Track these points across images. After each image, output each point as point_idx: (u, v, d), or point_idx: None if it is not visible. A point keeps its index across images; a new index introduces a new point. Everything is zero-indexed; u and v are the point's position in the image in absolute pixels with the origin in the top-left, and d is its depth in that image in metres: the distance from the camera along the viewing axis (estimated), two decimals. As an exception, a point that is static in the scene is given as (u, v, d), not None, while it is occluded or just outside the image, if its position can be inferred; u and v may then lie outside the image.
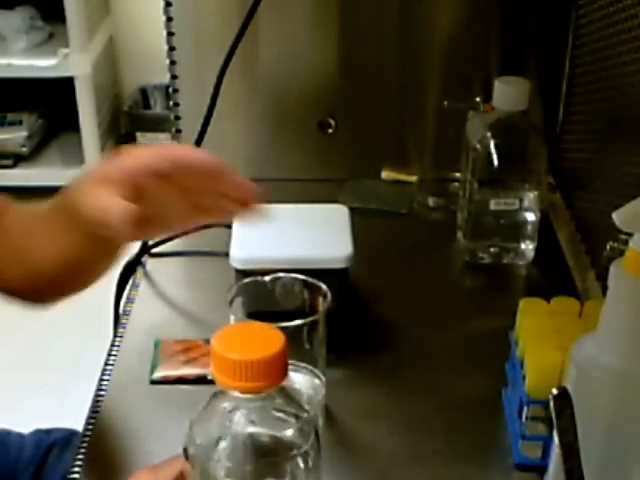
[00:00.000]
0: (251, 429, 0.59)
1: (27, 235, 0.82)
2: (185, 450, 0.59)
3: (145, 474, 0.67)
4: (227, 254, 0.93)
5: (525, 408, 0.80)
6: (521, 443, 0.82)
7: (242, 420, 0.59)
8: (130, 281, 1.10)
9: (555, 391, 0.61)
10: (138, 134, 2.86)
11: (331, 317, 0.77)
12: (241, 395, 0.58)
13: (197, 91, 1.23)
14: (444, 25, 1.24)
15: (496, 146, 1.06)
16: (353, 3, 1.23)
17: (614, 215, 0.63)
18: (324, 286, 0.78)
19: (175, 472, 0.63)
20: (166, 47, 1.25)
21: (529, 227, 1.10)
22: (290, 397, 0.60)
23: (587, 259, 1.11)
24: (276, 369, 0.57)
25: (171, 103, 1.29)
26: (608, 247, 0.78)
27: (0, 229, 0.83)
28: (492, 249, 1.11)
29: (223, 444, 0.59)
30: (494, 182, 1.08)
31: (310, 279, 0.79)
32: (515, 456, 0.83)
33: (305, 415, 0.60)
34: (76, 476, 0.82)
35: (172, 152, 0.74)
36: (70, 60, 2.63)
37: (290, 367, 0.76)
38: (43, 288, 0.86)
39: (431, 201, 1.25)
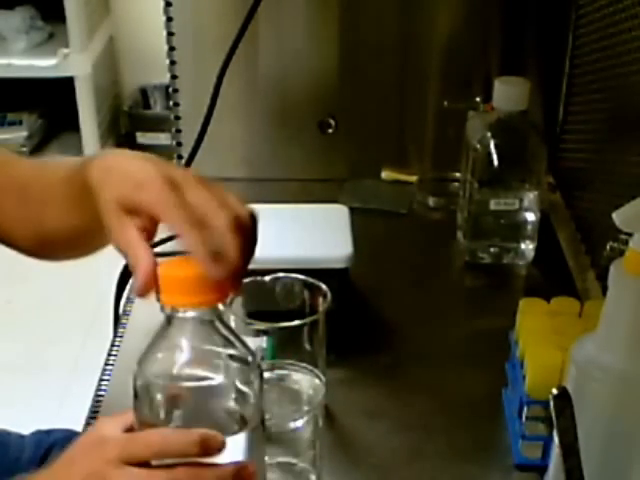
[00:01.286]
0: (192, 350, 0.61)
1: (46, 199, 0.83)
2: (134, 383, 0.62)
3: (106, 419, 0.66)
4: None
5: (525, 408, 0.80)
6: (521, 443, 0.82)
7: (183, 342, 0.61)
8: (130, 281, 1.10)
9: (555, 391, 0.61)
10: (138, 134, 2.86)
11: (331, 317, 0.77)
12: (183, 314, 0.60)
13: (197, 91, 1.23)
14: (444, 25, 1.24)
15: (496, 146, 1.06)
16: (353, 3, 1.23)
17: (614, 215, 0.63)
18: (324, 286, 0.78)
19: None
20: (166, 47, 1.25)
21: (529, 227, 1.10)
22: (232, 330, 0.63)
23: (587, 259, 1.11)
24: (215, 285, 0.60)
25: (171, 103, 1.29)
26: (608, 247, 0.78)
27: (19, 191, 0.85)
28: (492, 249, 1.11)
29: (167, 367, 0.61)
30: (494, 182, 1.08)
31: (310, 279, 0.79)
32: (515, 456, 0.83)
33: (241, 346, 0.62)
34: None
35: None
36: (70, 60, 2.63)
37: (290, 367, 0.77)
38: (51, 250, 0.87)
39: (431, 201, 1.25)
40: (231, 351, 0.62)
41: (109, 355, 0.97)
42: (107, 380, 0.93)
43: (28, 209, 0.85)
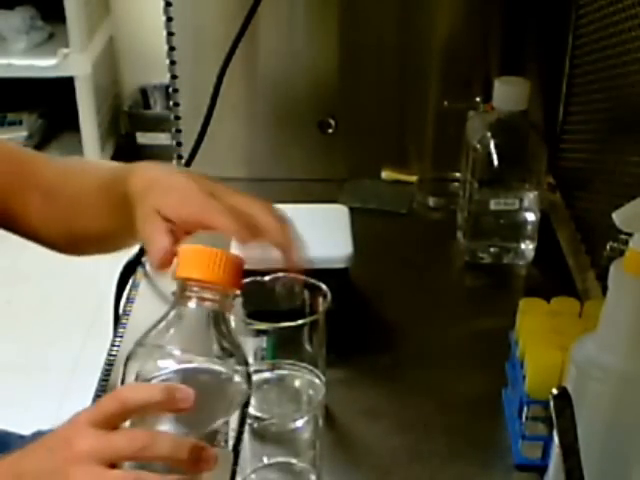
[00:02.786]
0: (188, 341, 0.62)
1: (78, 203, 0.88)
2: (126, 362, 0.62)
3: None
4: (227, 254, 0.93)
5: (525, 408, 0.80)
6: (521, 443, 0.82)
7: (183, 330, 0.62)
8: (130, 281, 1.10)
9: (555, 391, 0.61)
10: (138, 134, 2.86)
11: (331, 317, 0.77)
12: (192, 292, 0.61)
13: (197, 91, 1.23)
14: (444, 25, 1.24)
15: (496, 146, 1.06)
16: (353, 3, 1.23)
17: (614, 215, 0.63)
18: (324, 286, 0.78)
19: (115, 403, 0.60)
20: (166, 47, 1.25)
21: (529, 227, 1.10)
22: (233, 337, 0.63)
23: (587, 259, 1.11)
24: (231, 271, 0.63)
25: (171, 103, 1.29)
26: (608, 247, 0.78)
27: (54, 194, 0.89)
28: (492, 249, 1.11)
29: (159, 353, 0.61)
30: (494, 182, 1.08)
31: (310, 279, 0.79)
32: (515, 456, 0.83)
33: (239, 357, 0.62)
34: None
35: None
36: (70, 60, 2.63)
37: (290, 367, 0.77)
38: (82, 248, 0.92)
39: (431, 201, 1.25)
40: (226, 358, 0.62)
41: (109, 355, 0.97)
42: (107, 380, 0.93)
43: (57, 210, 0.89)
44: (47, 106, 2.86)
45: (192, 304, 0.62)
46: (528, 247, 1.11)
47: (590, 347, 0.66)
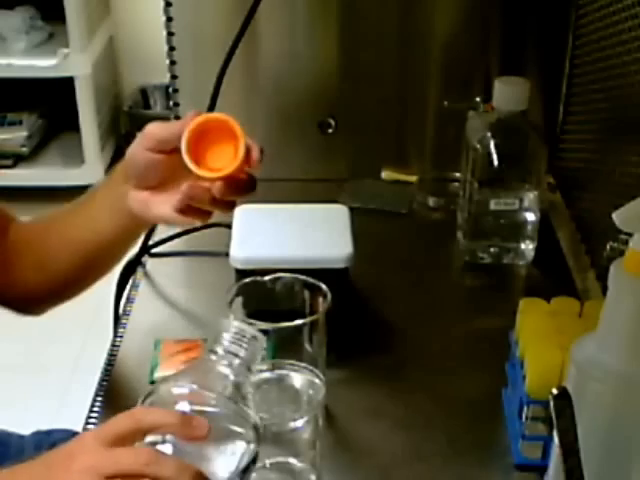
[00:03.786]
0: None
1: (57, 219, 0.93)
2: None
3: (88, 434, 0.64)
4: (227, 254, 0.93)
5: (525, 408, 0.80)
6: (521, 443, 0.82)
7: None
8: (130, 281, 1.10)
9: (555, 391, 0.61)
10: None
11: (331, 317, 0.77)
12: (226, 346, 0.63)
13: (197, 91, 1.23)
14: (444, 25, 1.24)
15: (496, 146, 1.06)
16: (353, 4, 1.23)
17: (614, 215, 0.63)
18: (324, 286, 0.78)
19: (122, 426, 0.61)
20: (166, 47, 1.25)
21: (529, 227, 1.10)
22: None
23: (587, 259, 1.11)
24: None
25: (171, 103, 1.29)
26: (608, 247, 0.78)
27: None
28: (492, 249, 1.11)
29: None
30: (494, 182, 1.08)
31: (310, 279, 0.79)
32: (515, 456, 0.83)
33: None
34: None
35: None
36: (70, 60, 2.63)
37: (290, 367, 0.77)
38: (58, 288, 0.95)
39: (431, 201, 1.25)
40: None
41: (109, 355, 0.97)
42: (107, 380, 0.93)
43: (29, 236, 0.93)
44: (47, 106, 2.86)
45: (220, 360, 0.64)
46: (528, 247, 1.11)
47: (590, 347, 0.66)
